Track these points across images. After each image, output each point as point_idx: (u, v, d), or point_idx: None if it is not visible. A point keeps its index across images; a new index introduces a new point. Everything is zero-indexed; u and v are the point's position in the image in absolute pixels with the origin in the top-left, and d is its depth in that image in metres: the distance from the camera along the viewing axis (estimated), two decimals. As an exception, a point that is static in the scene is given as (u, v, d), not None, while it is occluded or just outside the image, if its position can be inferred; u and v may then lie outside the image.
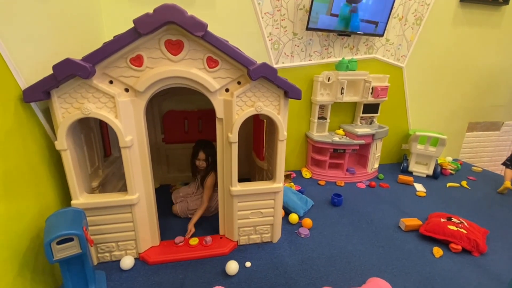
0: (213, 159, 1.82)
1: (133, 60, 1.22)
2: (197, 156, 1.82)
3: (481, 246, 1.61)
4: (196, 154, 1.82)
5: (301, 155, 2.88)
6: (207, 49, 1.27)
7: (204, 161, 1.82)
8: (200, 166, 1.84)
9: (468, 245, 1.62)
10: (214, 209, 1.91)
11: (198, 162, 1.83)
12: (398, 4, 2.56)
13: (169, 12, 1.11)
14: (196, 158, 1.83)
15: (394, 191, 2.44)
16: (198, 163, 1.83)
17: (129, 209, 1.42)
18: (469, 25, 2.82)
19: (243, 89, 1.35)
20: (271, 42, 2.43)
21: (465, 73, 3.01)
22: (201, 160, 1.82)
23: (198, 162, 1.83)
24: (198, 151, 1.82)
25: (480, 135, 3.35)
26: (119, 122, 1.25)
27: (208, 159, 1.83)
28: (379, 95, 2.56)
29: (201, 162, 1.82)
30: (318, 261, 1.54)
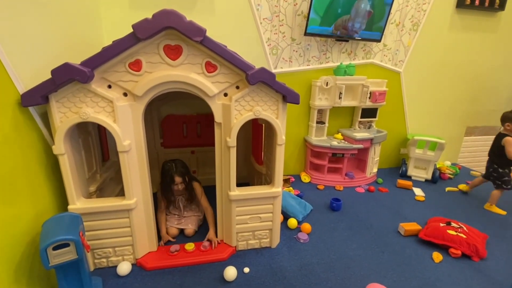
0: (189, 175, 1.74)
1: (132, 65, 1.23)
2: (173, 182, 1.65)
3: (480, 251, 1.60)
4: (172, 181, 1.65)
5: (300, 160, 2.87)
6: (205, 54, 1.28)
7: (182, 183, 1.68)
8: (179, 189, 1.70)
9: (467, 250, 1.61)
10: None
11: (176, 187, 1.68)
12: (395, 10, 2.59)
13: (168, 17, 1.12)
14: (173, 183, 1.66)
15: (393, 196, 2.43)
16: (177, 187, 1.68)
17: (127, 214, 1.41)
18: (465, 30, 2.85)
19: (242, 94, 1.35)
20: (269, 47, 2.45)
21: (462, 78, 3.03)
22: (179, 184, 1.67)
23: (177, 187, 1.68)
24: (172, 177, 1.64)
25: (478, 140, 3.36)
26: (117, 126, 1.24)
27: (185, 179, 1.70)
28: (377, 99, 2.57)
29: (179, 186, 1.68)
30: (317, 266, 1.52)
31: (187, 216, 1.83)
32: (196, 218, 1.84)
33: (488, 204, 2.26)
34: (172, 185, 1.68)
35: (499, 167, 2.19)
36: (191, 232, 1.76)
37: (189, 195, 1.80)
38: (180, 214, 1.81)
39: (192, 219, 1.82)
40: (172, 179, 1.65)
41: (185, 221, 1.80)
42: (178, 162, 1.71)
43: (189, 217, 1.83)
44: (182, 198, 1.79)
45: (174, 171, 1.66)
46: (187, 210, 1.84)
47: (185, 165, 1.74)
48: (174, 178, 1.65)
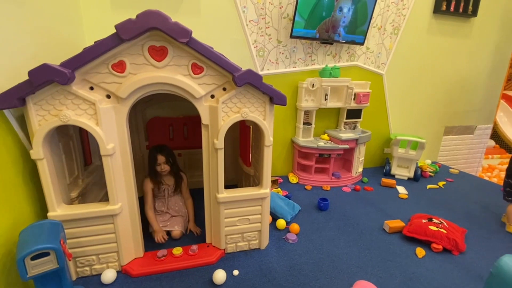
0: (173, 159, 1.77)
1: (115, 66, 1.19)
2: (156, 162, 1.70)
3: (460, 245, 1.67)
4: (155, 160, 1.70)
5: (288, 161, 2.90)
6: (191, 56, 1.26)
7: (166, 163, 1.72)
8: (163, 170, 1.72)
9: (448, 245, 1.68)
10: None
11: (159, 167, 1.71)
12: (377, 14, 2.68)
13: (153, 18, 1.10)
14: (156, 164, 1.70)
15: (378, 194, 2.50)
16: (160, 168, 1.71)
17: (111, 220, 1.36)
18: (442, 35, 2.99)
19: (229, 95, 1.35)
20: (256, 49, 2.46)
21: (440, 80, 3.17)
22: (162, 163, 1.70)
23: (160, 167, 1.71)
24: (155, 156, 1.70)
25: (456, 139, 3.52)
26: (100, 129, 1.21)
27: (169, 161, 1.74)
28: (361, 101, 2.64)
29: (162, 166, 1.71)
30: (306, 266, 1.54)
31: (174, 216, 1.80)
32: (182, 219, 1.81)
33: (508, 225, 1.98)
34: (156, 167, 1.71)
35: (507, 176, 1.98)
36: (178, 234, 1.73)
37: (175, 185, 1.82)
38: (165, 208, 1.80)
39: (178, 220, 1.79)
40: (155, 158, 1.69)
41: (171, 223, 1.77)
42: (163, 146, 1.77)
43: (175, 217, 1.80)
44: (167, 187, 1.80)
45: (158, 151, 1.71)
46: (173, 205, 1.83)
47: (170, 150, 1.78)
48: (157, 157, 1.69)
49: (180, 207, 1.85)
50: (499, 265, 1.01)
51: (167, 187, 1.80)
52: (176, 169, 1.81)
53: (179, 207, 1.85)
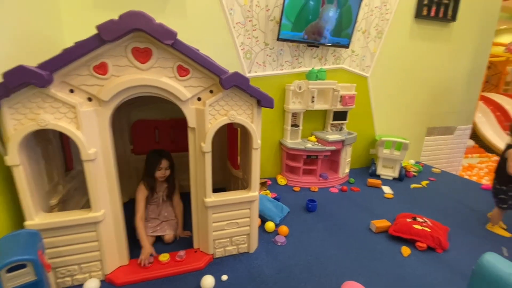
0: (173, 165, 1.74)
1: (97, 68, 1.15)
2: (158, 166, 1.65)
3: (443, 243, 1.72)
4: (157, 164, 1.65)
5: (276, 162, 2.90)
6: (177, 58, 1.24)
7: (167, 169, 1.69)
8: (162, 176, 1.69)
9: (432, 243, 1.72)
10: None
11: (160, 172, 1.67)
12: (361, 18, 2.74)
13: (136, 19, 1.07)
14: (158, 168, 1.66)
15: (364, 194, 2.54)
16: (161, 173, 1.67)
17: (94, 228, 1.31)
18: (423, 39, 3.09)
19: (216, 98, 1.33)
20: (243, 52, 2.46)
21: (422, 82, 3.28)
22: (164, 168, 1.67)
23: (161, 173, 1.67)
24: (159, 160, 1.66)
25: (437, 139, 3.64)
26: (81, 133, 1.16)
27: (170, 166, 1.71)
28: (347, 103, 2.68)
29: (164, 172, 1.68)
30: (295, 268, 1.53)
31: (164, 221, 1.76)
32: (173, 222, 1.78)
33: (490, 225, 2.04)
34: (157, 170, 1.66)
35: (498, 183, 1.95)
36: (171, 237, 1.70)
37: (169, 191, 1.79)
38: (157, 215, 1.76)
39: (170, 224, 1.76)
40: (158, 162, 1.65)
41: (161, 228, 1.73)
42: (165, 151, 1.74)
43: (166, 222, 1.76)
44: (162, 194, 1.78)
45: (163, 155, 1.68)
46: (165, 210, 1.79)
47: (171, 155, 1.75)
48: (161, 160, 1.65)
49: (170, 212, 1.82)
50: (481, 263, 1.04)
51: (162, 194, 1.77)
52: (172, 176, 1.78)
53: (169, 213, 1.81)
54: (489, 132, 5.81)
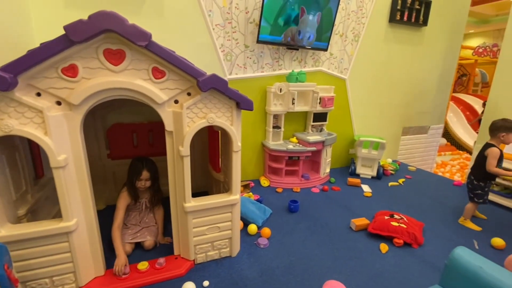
0: (156, 176, 1.69)
1: (66, 70, 1.10)
2: (139, 177, 1.60)
3: (418, 239, 1.79)
4: (139, 174, 1.60)
5: (259, 164, 2.90)
6: (152, 59, 1.21)
7: (148, 180, 1.64)
8: (143, 187, 1.64)
9: (408, 239, 1.79)
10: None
11: (141, 183, 1.62)
12: (339, 22, 2.81)
13: (107, 19, 1.03)
14: (138, 179, 1.61)
15: (345, 193, 2.60)
16: (140, 184, 1.62)
17: (66, 238, 1.25)
18: (397, 42, 3.23)
19: (194, 101, 1.31)
20: (223, 54, 2.44)
21: (397, 84, 3.41)
22: (144, 180, 1.62)
23: (141, 183, 1.62)
24: (140, 170, 1.60)
25: (412, 138, 3.81)
26: (49, 139, 1.10)
27: (151, 177, 1.65)
28: (326, 104, 2.74)
29: (144, 183, 1.63)
30: (278, 270, 1.54)
31: (146, 227, 1.71)
32: (154, 228, 1.73)
33: (462, 219, 2.12)
34: (137, 181, 1.62)
35: (475, 179, 2.02)
36: (151, 244, 1.65)
37: (153, 198, 1.74)
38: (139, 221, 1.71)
39: (150, 230, 1.71)
40: (139, 173, 1.60)
41: (141, 234, 1.67)
42: (149, 160, 1.68)
43: (146, 228, 1.71)
44: (146, 201, 1.73)
45: (144, 165, 1.62)
46: (146, 217, 1.74)
47: (155, 165, 1.70)
48: (141, 172, 1.60)
49: (151, 218, 1.77)
50: (452, 257, 1.10)
51: (145, 201, 1.73)
52: (157, 184, 1.73)
53: (150, 219, 1.77)
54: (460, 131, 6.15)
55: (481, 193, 2.00)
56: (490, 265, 1.00)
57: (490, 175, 1.95)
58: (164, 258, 1.51)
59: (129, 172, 1.65)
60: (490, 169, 1.90)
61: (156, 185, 1.72)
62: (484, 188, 2.00)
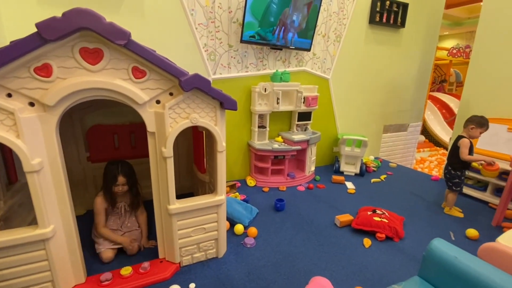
0: (133, 179, 1.64)
1: (39, 70, 1.05)
2: (115, 182, 1.56)
3: (399, 232, 1.86)
4: (114, 180, 1.56)
5: (245, 164, 2.90)
6: (132, 59, 1.18)
7: (125, 184, 1.59)
8: (120, 191, 1.59)
9: (390, 233, 1.85)
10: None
11: (118, 188, 1.57)
12: (321, 22, 2.86)
13: (82, 17, 1.00)
14: (115, 184, 1.56)
15: (329, 191, 2.65)
16: (118, 189, 1.58)
17: (42, 246, 1.19)
18: (377, 43, 3.32)
19: (176, 101, 1.29)
20: (207, 53, 2.42)
21: (378, 83, 3.52)
22: (121, 185, 1.58)
23: (117, 188, 1.58)
24: (115, 176, 1.56)
25: (393, 136, 3.94)
26: (21, 142, 1.04)
27: (129, 182, 1.60)
28: (310, 104, 2.78)
29: (121, 188, 1.58)
30: (264, 269, 1.54)
31: (128, 231, 1.66)
32: (137, 232, 1.69)
33: (447, 209, 2.26)
34: (114, 187, 1.57)
35: (452, 169, 2.17)
36: (136, 248, 1.61)
37: (132, 201, 1.68)
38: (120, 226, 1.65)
39: (133, 234, 1.66)
40: (115, 179, 1.55)
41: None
42: (124, 162, 1.63)
43: (129, 232, 1.66)
44: (125, 204, 1.67)
45: (119, 170, 1.57)
46: (128, 221, 1.68)
47: (131, 167, 1.65)
48: (117, 177, 1.55)
49: (133, 222, 1.72)
50: (430, 249, 1.14)
51: (124, 205, 1.67)
52: (135, 187, 1.68)
53: (132, 223, 1.71)
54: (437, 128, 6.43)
55: (458, 182, 2.16)
56: (465, 255, 1.05)
57: (464, 164, 2.11)
58: (149, 262, 1.48)
59: (104, 177, 1.60)
60: (463, 157, 2.06)
61: (134, 188, 1.67)
62: (461, 177, 2.16)
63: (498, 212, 2.10)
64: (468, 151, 2.06)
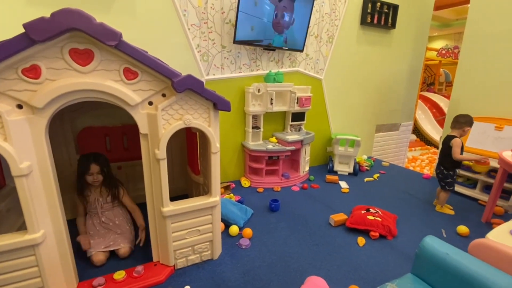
0: (107, 169, 1.63)
1: (27, 71, 1.02)
2: (88, 172, 1.53)
3: (393, 230, 1.88)
4: (87, 170, 1.53)
5: (239, 165, 2.90)
6: (123, 60, 1.16)
7: (99, 173, 1.57)
8: (95, 181, 1.56)
9: (383, 231, 1.87)
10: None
11: (92, 177, 1.55)
12: (313, 23, 2.88)
13: (71, 18, 0.98)
14: (88, 173, 1.54)
15: (324, 191, 2.67)
16: (92, 178, 1.55)
17: (32, 251, 1.16)
18: (368, 44, 3.37)
19: (169, 102, 1.28)
20: (200, 54, 2.41)
21: (370, 83, 3.56)
22: (95, 173, 1.55)
23: (92, 178, 1.55)
24: (88, 165, 1.53)
25: (385, 135, 3.99)
26: (9, 146, 1.02)
27: (103, 170, 1.59)
28: (304, 104, 2.79)
29: (95, 176, 1.56)
30: (260, 270, 1.54)
31: (117, 234, 1.62)
32: (127, 233, 1.65)
33: (439, 206, 2.30)
34: (87, 176, 1.55)
35: (445, 169, 2.21)
36: (127, 251, 1.58)
37: (111, 195, 1.65)
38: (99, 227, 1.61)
39: (123, 236, 1.63)
40: (87, 168, 1.53)
41: (114, 242, 1.59)
42: (97, 154, 1.61)
43: (118, 235, 1.62)
44: (100, 199, 1.62)
45: (91, 160, 1.55)
46: (111, 219, 1.64)
47: (105, 158, 1.64)
48: (89, 166, 1.53)
49: (121, 221, 1.68)
50: (422, 246, 1.16)
51: (97, 201, 1.62)
52: (110, 179, 1.66)
53: (120, 222, 1.67)
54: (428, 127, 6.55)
55: (451, 181, 2.21)
56: (455, 251, 1.07)
57: (456, 163, 2.16)
58: (143, 266, 1.46)
59: (78, 170, 1.58)
60: (456, 157, 2.11)
61: (108, 180, 1.64)
62: (453, 176, 2.21)
63: (487, 209, 2.15)
64: (460, 150, 2.11)
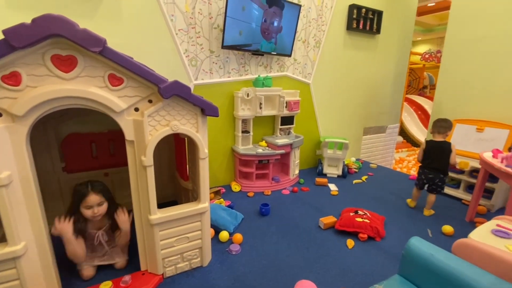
0: (109, 195, 1.45)
1: (6, 78, 0.99)
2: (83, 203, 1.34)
3: (381, 232, 1.91)
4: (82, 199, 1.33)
5: (229, 169, 2.89)
6: (108, 66, 1.15)
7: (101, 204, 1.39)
8: (97, 215, 1.36)
9: (371, 233, 1.90)
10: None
11: (92, 211, 1.34)
12: (301, 29, 2.92)
13: (53, 24, 0.96)
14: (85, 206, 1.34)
15: (313, 193, 2.69)
16: (93, 212, 1.34)
17: (13, 264, 1.12)
18: (355, 48, 3.44)
19: (155, 108, 1.27)
20: (188, 59, 2.40)
21: (357, 87, 3.64)
22: (96, 205, 1.35)
23: (93, 211, 1.34)
24: (84, 195, 1.33)
25: (373, 137, 4.07)
26: (-13, 155, 0.98)
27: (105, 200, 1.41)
28: (292, 108, 2.82)
29: (96, 209, 1.35)
30: (250, 275, 1.53)
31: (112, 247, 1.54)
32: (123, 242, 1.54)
33: (427, 211, 2.30)
34: (85, 211, 1.34)
35: (444, 176, 2.21)
36: (124, 264, 1.53)
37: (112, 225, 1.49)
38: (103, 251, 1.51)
39: (117, 250, 1.54)
40: (82, 198, 1.32)
41: (108, 256, 1.52)
42: (95, 181, 1.42)
43: (114, 248, 1.54)
44: (103, 233, 1.47)
45: (89, 187, 1.35)
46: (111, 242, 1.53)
47: (105, 185, 1.45)
48: (85, 197, 1.32)
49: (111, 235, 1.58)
50: (408, 247, 1.18)
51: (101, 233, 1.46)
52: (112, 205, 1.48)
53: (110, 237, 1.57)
54: (414, 129, 6.73)
55: (444, 185, 2.27)
56: (440, 252, 1.10)
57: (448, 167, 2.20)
58: (130, 275, 1.42)
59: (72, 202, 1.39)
60: (456, 161, 2.22)
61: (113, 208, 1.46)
62: (445, 180, 2.26)
63: (470, 208, 2.22)
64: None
